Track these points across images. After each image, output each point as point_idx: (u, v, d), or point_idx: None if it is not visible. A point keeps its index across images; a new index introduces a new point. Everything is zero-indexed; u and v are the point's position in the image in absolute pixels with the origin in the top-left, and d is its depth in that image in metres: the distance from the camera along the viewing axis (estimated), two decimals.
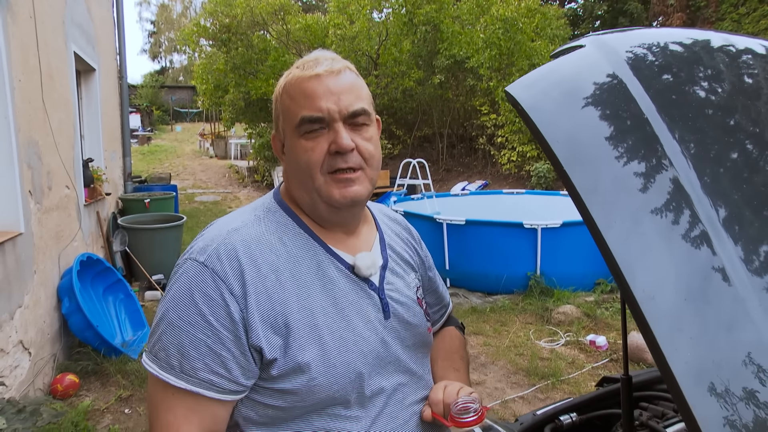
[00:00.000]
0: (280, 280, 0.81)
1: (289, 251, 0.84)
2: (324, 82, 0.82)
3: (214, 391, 0.78)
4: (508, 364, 3.69)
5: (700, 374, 0.62)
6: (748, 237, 0.73)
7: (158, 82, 29.87)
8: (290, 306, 0.80)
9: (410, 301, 0.96)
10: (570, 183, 0.72)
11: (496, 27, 10.53)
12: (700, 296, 0.67)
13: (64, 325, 3.56)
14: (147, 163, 15.46)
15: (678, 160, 0.78)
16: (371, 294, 0.89)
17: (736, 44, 1.12)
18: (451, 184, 11.86)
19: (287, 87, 0.86)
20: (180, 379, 0.77)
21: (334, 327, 0.83)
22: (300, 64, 0.87)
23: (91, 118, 5.46)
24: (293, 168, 0.87)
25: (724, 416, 0.57)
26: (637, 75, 0.90)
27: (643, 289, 0.65)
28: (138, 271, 5.36)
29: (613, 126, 0.81)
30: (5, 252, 2.70)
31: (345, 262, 0.88)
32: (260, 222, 0.86)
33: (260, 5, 11.88)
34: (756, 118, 0.89)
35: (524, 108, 0.80)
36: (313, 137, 0.82)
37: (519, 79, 0.91)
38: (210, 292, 0.77)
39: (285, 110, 0.86)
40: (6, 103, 2.78)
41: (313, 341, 0.80)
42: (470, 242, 5.23)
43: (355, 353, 0.84)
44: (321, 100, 0.81)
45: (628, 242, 0.68)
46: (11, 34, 2.88)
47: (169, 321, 0.78)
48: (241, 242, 0.81)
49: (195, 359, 0.77)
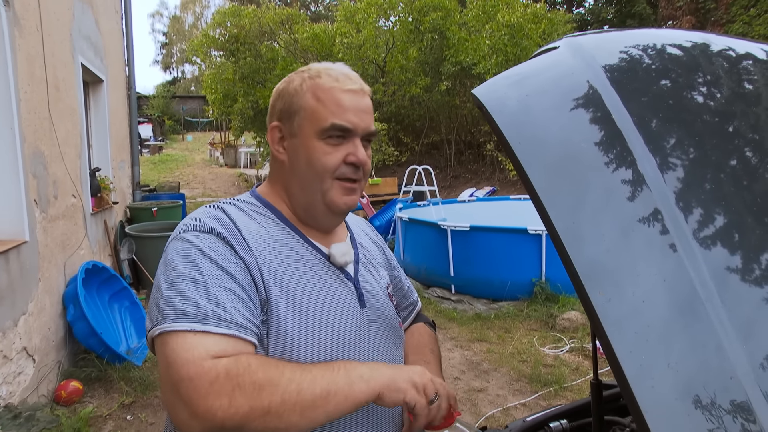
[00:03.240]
0: (264, 252, 0.85)
1: (269, 233, 0.87)
2: (357, 98, 0.88)
3: (250, 334, 0.77)
4: (511, 371, 3.65)
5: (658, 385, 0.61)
6: (717, 247, 0.72)
7: (170, 92, 30.31)
8: (279, 274, 0.84)
9: (382, 294, 0.99)
10: (530, 185, 0.71)
11: (503, 33, 10.53)
12: (662, 304, 0.66)
13: (69, 332, 3.60)
14: (158, 172, 15.65)
15: (646, 165, 0.77)
16: (347, 282, 0.92)
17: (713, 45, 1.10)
18: (459, 190, 11.83)
19: (315, 89, 0.88)
20: (222, 327, 0.74)
21: (314, 303, 0.85)
22: (326, 71, 0.90)
23: (99, 128, 5.55)
24: (300, 165, 0.89)
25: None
26: (609, 77, 0.89)
27: (599, 296, 0.65)
28: (145, 279, 5.41)
29: (580, 129, 0.80)
30: (9, 260, 2.74)
31: (321, 251, 0.92)
32: (239, 209, 0.90)
33: (268, 15, 12.03)
34: (724, 120, 0.88)
35: (488, 109, 0.80)
36: (334, 143, 0.87)
37: (488, 81, 0.91)
38: (220, 249, 0.80)
39: (310, 109, 0.87)
40: (12, 114, 2.84)
41: (295, 313, 0.82)
42: (475, 248, 5.20)
43: (331, 335, 0.85)
44: (352, 114, 0.87)
45: (588, 248, 0.68)
46: (18, 46, 2.95)
47: (188, 278, 0.76)
48: (228, 214, 0.86)
49: (228, 306, 0.76)
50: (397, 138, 13.46)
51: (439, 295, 5.36)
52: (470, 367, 3.74)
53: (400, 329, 1.02)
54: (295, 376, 0.72)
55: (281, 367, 0.73)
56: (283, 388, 0.70)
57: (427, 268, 5.62)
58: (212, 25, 13.26)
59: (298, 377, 0.72)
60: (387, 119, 12.32)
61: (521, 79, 0.90)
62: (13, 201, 2.90)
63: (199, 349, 0.71)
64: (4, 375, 2.60)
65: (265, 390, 0.69)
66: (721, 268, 0.67)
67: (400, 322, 1.03)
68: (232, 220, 0.85)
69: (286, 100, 0.90)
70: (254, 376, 0.70)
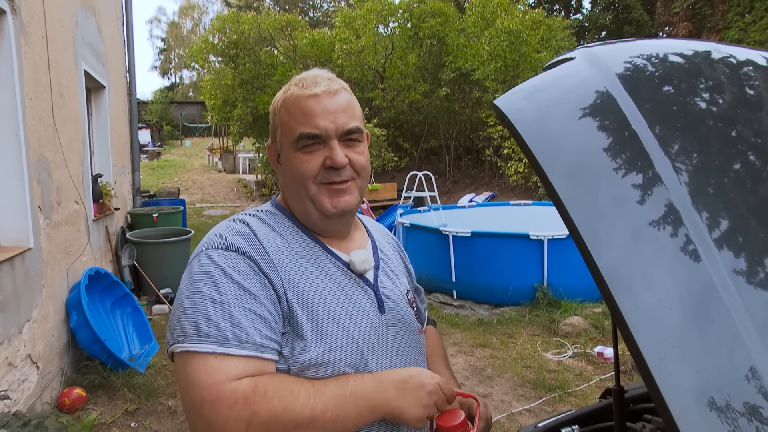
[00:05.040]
0: (286, 264, 0.87)
1: (289, 245, 0.90)
2: (322, 101, 0.87)
3: (269, 352, 0.80)
4: (514, 376, 3.65)
5: (687, 391, 0.62)
6: (737, 251, 0.73)
7: (168, 98, 30.34)
8: (300, 286, 0.86)
9: (402, 300, 1.00)
10: (555, 193, 0.72)
11: (501, 39, 10.60)
12: (688, 311, 0.67)
13: (72, 339, 3.59)
14: (156, 178, 15.63)
15: (666, 173, 0.78)
16: (367, 289, 0.94)
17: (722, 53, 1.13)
18: (459, 195, 11.86)
19: (286, 103, 0.91)
20: (241, 348, 0.77)
21: (333, 312, 0.86)
22: (298, 81, 0.92)
23: (100, 134, 5.55)
24: (289, 178, 0.92)
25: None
26: (625, 86, 0.91)
27: (628, 301, 0.66)
28: (146, 285, 5.40)
29: (599, 137, 0.82)
30: (14, 267, 2.74)
31: (341, 259, 0.93)
32: (261, 220, 0.92)
33: (267, 21, 12.08)
34: (737, 124, 0.90)
35: (511, 120, 0.81)
36: (309, 151, 0.88)
37: (507, 92, 0.92)
38: (242, 268, 0.82)
39: (283, 124, 0.91)
40: (17, 121, 2.84)
41: (315, 322, 0.84)
42: (476, 254, 5.21)
43: (350, 341, 0.86)
44: (319, 118, 0.86)
45: (613, 254, 0.69)
46: (24, 54, 2.95)
47: (210, 299, 0.79)
48: (252, 228, 0.88)
49: (248, 327, 0.78)
50: (396, 143, 13.49)
51: (441, 300, 5.37)
52: (474, 373, 3.74)
53: (420, 335, 1.03)
54: (309, 402, 0.76)
55: (296, 392, 0.77)
56: (298, 414, 0.74)
57: (428, 274, 5.63)
58: (211, 31, 13.29)
59: (312, 403, 0.76)
60: (386, 125, 12.35)
61: (540, 90, 0.92)
62: (17, 207, 2.90)
63: (220, 373, 0.75)
64: (9, 382, 2.59)
65: (281, 417, 0.74)
66: (742, 271, 0.69)
67: (420, 328, 1.03)
68: (255, 234, 0.87)
69: (272, 120, 0.95)
70: (270, 403, 0.74)
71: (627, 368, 3.68)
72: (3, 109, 2.78)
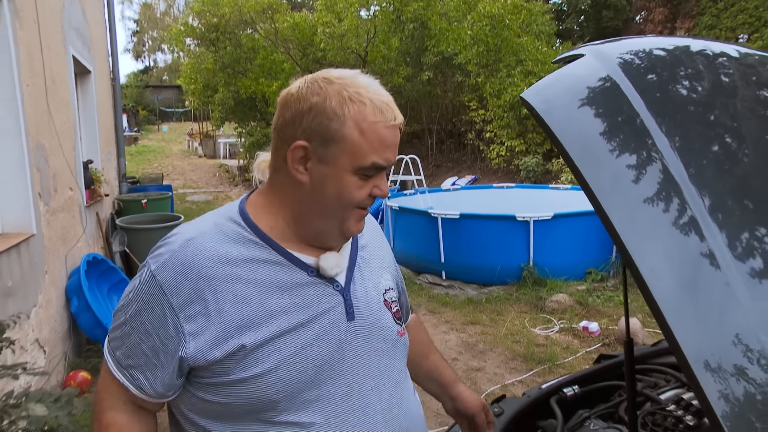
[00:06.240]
0: (231, 290, 0.82)
1: (246, 258, 0.84)
2: (395, 135, 0.85)
3: (138, 389, 0.84)
4: (505, 350, 3.84)
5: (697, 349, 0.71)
6: (731, 223, 0.86)
7: (143, 81, 29.63)
8: (240, 318, 0.81)
9: (376, 303, 0.94)
10: (582, 178, 0.84)
11: (483, 24, 10.67)
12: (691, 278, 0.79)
13: (72, 324, 3.63)
14: (136, 164, 15.37)
15: (668, 153, 0.91)
16: (335, 294, 0.88)
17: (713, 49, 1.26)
18: (441, 179, 12.00)
19: (360, 121, 0.80)
20: (116, 367, 0.85)
21: (285, 329, 0.83)
22: (370, 98, 0.82)
23: (88, 119, 5.50)
24: (327, 194, 0.84)
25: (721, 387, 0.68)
26: (630, 79, 1.03)
27: (648, 268, 0.77)
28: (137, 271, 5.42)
29: (609, 122, 0.95)
30: (21, 253, 2.78)
31: (307, 265, 0.87)
32: (219, 230, 0.86)
33: (248, 4, 11.89)
34: (733, 113, 1.04)
35: (538, 112, 0.93)
36: (365, 178, 0.84)
37: (532, 86, 1.04)
38: (154, 305, 0.81)
39: (351, 143, 0.81)
40: (17, 108, 2.85)
41: (260, 353, 0.81)
42: (465, 235, 5.37)
43: (307, 358, 0.84)
44: (389, 152, 0.84)
45: (635, 230, 0.81)
46: (20, 39, 2.94)
47: (123, 318, 0.85)
48: (194, 253, 0.82)
49: (130, 358, 0.84)
50: None
51: (430, 281, 5.53)
52: (467, 348, 3.91)
53: (397, 339, 0.97)
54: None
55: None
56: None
57: (417, 256, 5.77)
58: (191, 14, 13.03)
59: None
60: None
61: (561, 84, 1.03)
62: (20, 194, 2.92)
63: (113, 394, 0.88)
64: (12, 373, 2.64)
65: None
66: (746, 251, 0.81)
67: (399, 330, 0.97)
68: (201, 262, 0.82)
69: (321, 121, 0.81)
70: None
71: (610, 341, 3.90)
72: (3, 96, 2.79)
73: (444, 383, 1.20)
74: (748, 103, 1.16)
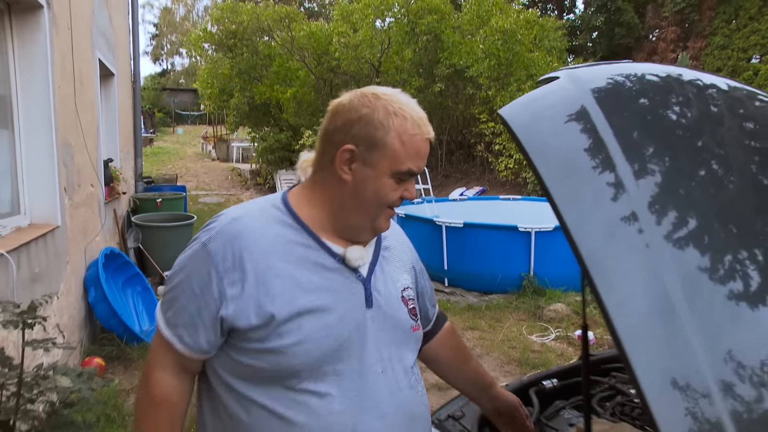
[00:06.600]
0: (272, 266, 0.93)
1: (283, 239, 0.96)
2: (427, 147, 1.00)
3: (183, 346, 0.95)
4: (501, 355, 3.97)
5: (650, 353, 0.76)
6: (683, 242, 0.92)
7: (160, 84, 30.19)
8: (275, 288, 0.92)
9: (394, 297, 1.04)
10: (548, 192, 0.97)
11: (496, 38, 10.86)
12: (645, 305, 0.81)
13: (89, 313, 3.82)
14: (150, 164, 15.68)
15: (628, 178, 0.96)
16: (357, 283, 0.99)
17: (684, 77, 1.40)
18: (450, 189, 12.15)
19: (401, 133, 0.95)
20: (165, 326, 0.97)
21: (313, 308, 0.93)
22: (411, 114, 0.97)
23: (109, 120, 5.74)
24: (366, 193, 0.97)
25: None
26: (599, 105, 1.17)
27: (602, 279, 0.85)
28: (150, 267, 5.62)
29: (576, 143, 1.08)
30: (47, 242, 2.97)
31: (335, 253, 0.99)
32: (263, 213, 0.99)
33: (266, 12, 12.21)
34: (698, 142, 1.17)
35: (512, 128, 1.07)
36: (400, 181, 0.98)
37: (509, 104, 1.18)
38: (202, 269, 0.93)
39: (392, 150, 0.95)
40: (49, 108, 3.06)
41: (291, 325, 0.91)
42: (468, 244, 5.51)
43: (330, 335, 0.94)
44: (421, 161, 1.00)
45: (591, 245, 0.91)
46: (55, 45, 3.17)
47: (174, 282, 0.97)
48: (239, 229, 0.95)
49: (178, 317, 0.95)
50: None
51: None
52: None
53: (411, 332, 1.07)
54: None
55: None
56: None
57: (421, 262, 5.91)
58: (210, 20, 13.38)
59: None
60: None
61: (535, 104, 1.18)
62: (48, 188, 3.12)
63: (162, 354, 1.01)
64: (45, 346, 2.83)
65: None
66: (690, 271, 0.87)
67: (414, 325, 1.07)
68: (246, 237, 0.93)
69: (369, 130, 0.94)
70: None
71: (604, 349, 4.02)
72: (39, 97, 3.00)
73: (484, 387, 1.29)
74: (715, 131, 1.28)
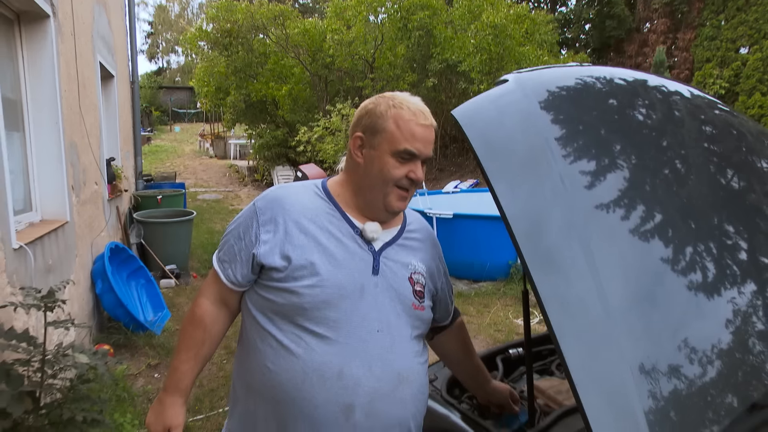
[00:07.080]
0: (300, 223, 1.17)
1: (314, 206, 1.21)
2: (426, 132, 1.18)
3: (224, 277, 1.22)
4: (487, 338, 4.20)
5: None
6: (612, 236, 1.08)
7: (156, 82, 30.25)
8: (298, 240, 1.15)
9: (401, 274, 1.21)
10: (491, 186, 1.13)
11: (487, 33, 11.04)
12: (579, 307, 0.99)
13: (96, 304, 4.04)
14: (149, 163, 15.85)
15: (566, 175, 1.12)
16: (368, 252, 1.19)
17: (626, 78, 1.58)
18: (444, 182, 12.36)
19: (398, 119, 1.16)
20: (216, 262, 1.25)
21: (325, 261, 1.14)
22: (404, 105, 1.17)
23: (110, 120, 5.93)
24: (373, 171, 1.18)
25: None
26: (541, 106, 1.33)
27: (537, 269, 1.05)
28: (152, 262, 5.83)
29: (520, 143, 1.25)
30: (58, 237, 3.18)
31: (355, 225, 1.20)
32: (304, 187, 1.26)
33: (260, 11, 12.35)
34: (630, 137, 1.31)
35: (462, 127, 1.26)
36: (401, 161, 1.17)
37: (461, 105, 1.36)
38: (248, 220, 1.20)
39: (390, 133, 1.16)
40: (57, 111, 3.26)
41: (304, 271, 1.13)
42: (457, 234, 5.73)
43: (335, 285, 1.13)
44: (419, 144, 1.17)
45: (528, 236, 1.08)
46: (60, 51, 3.36)
47: (229, 230, 1.25)
48: (282, 195, 1.22)
49: (226, 254, 1.22)
50: None
51: None
52: None
53: (411, 309, 1.21)
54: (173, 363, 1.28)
55: (189, 342, 1.26)
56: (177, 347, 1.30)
57: None
58: (205, 19, 13.52)
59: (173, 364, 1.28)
60: None
61: (484, 104, 1.38)
62: (57, 186, 3.33)
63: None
64: (58, 334, 3.05)
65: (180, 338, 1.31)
66: (620, 261, 1.03)
67: (416, 304, 1.22)
68: (285, 200, 1.20)
69: (372, 119, 1.18)
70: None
71: None
72: (47, 101, 3.20)
73: (483, 382, 1.48)
74: (652, 130, 1.42)
